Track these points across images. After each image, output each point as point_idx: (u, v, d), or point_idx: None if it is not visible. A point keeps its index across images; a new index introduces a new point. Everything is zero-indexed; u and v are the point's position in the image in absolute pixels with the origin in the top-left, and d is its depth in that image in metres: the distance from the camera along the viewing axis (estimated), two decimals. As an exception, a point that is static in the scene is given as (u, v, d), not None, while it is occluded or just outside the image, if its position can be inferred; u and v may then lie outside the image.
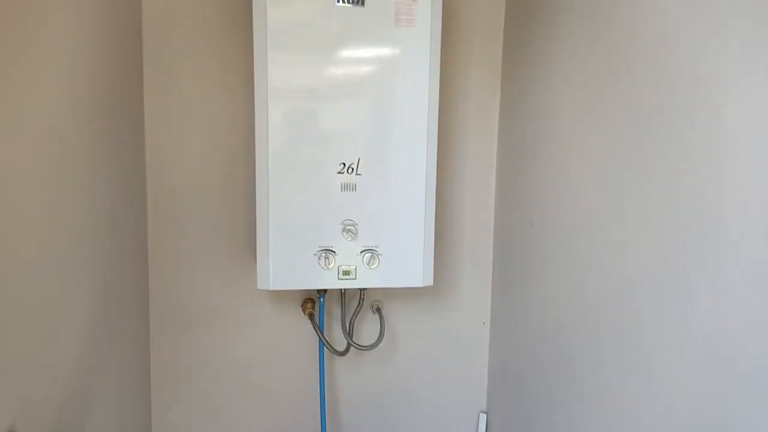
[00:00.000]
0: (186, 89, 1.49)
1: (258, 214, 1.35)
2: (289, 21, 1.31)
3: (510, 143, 1.59)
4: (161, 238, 1.52)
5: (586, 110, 1.19)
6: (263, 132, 1.33)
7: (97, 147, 1.20)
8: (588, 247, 1.18)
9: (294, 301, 1.60)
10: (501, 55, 1.63)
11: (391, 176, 1.39)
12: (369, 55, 1.35)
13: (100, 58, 1.21)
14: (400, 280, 1.44)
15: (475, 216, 1.68)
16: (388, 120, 1.38)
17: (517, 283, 1.54)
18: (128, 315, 1.41)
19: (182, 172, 1.51)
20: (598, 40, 1.15)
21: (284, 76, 1.32)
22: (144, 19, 1.46)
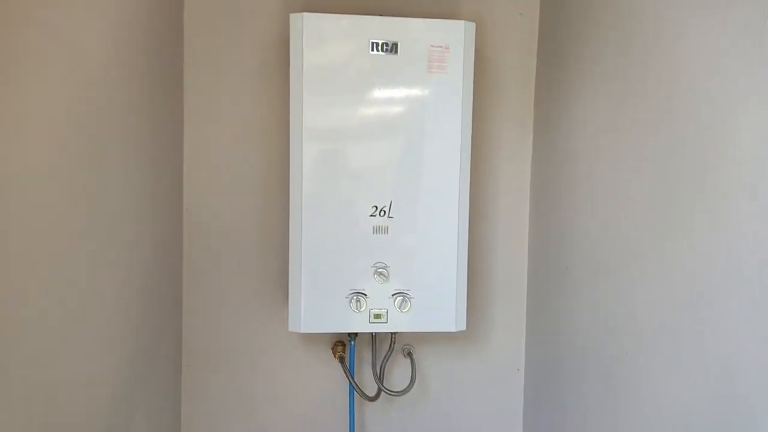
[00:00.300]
0: (223, 131, 1.54)
1: (291, 255, 1.37)
2: (324, 66, 1.35)
3: (543, 187, 1.58)
4: (196, 278, 1.55)
5: (621, 154, 1.18)
6: (297, 174, 1.35)
7: (138, 189, 1.24)
8: (625, 293, 1.15)
9: (325, 343, 1.59)
10: (533, 100, 1.63)
11: (423, 219, 1.39)
12: (402, 100, 1.37)
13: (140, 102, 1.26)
14: (432, 324, 1.42)
15: (509, 260, 1.66)
16: (421, 164, 1.38)
17: (552, 328, 1.50)
18: (162, 356, 1.43)
19: (218, 213, 1.55)
20: (634, 86, 1.14)
21: (319, 119, 1.35)
22: (185, 61, 1.52)
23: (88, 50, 0.99)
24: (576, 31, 1.40)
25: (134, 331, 1.24)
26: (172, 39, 1.45)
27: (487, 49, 1.61)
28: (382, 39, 1.35)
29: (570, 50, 1.43)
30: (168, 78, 1.42)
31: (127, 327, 1.20)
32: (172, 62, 1.45)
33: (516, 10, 1.61)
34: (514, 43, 1.62)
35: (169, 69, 1.44)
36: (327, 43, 1.35)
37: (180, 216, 1.53)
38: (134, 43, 1.20)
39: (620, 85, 1.19)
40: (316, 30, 1.34)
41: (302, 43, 1.34)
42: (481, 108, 1.60)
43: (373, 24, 1.35)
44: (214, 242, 1.55)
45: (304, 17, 1.34)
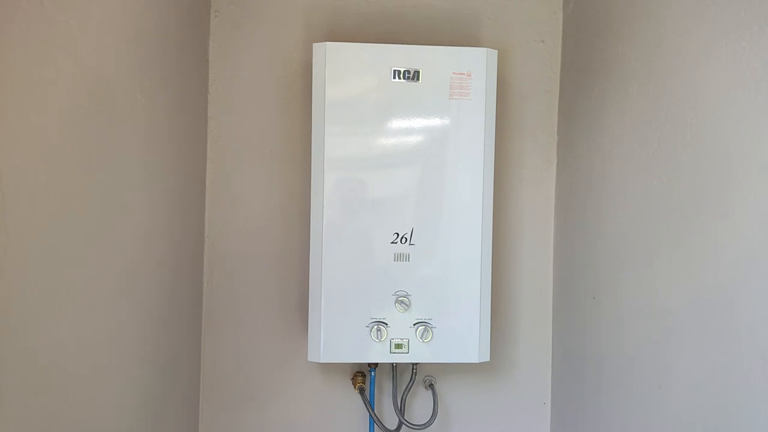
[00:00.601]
0: (245, 159, 1.55)
1: (311, 283, 1.35)
2: (346, 94, 1.35)
3: (568, 214, 1.54)
4: (215, 307, 1.54)
5: (648, 181, 1.15)
6: (318, 201, 1.35)
7: (162, 218, 1.24)
8: (656, 323, 1.11)
9: (345, 374, 1.56)
10: (557, 126, 1.62)
11: (445, 247, 1.37)
12: (424, 127, 1.37)
13: (163, 131, 1.27)
14: (455, 355, 1.38)
15: (533, 289, 1.62)
16: (443, 190, 1.37)
17: (580, 360, 1.45)
18: (180, 385, 1.41)
19: (238, 242, 1.54)
20: (658, 113, 1.12)
21: (340, 147, 1.35)
22: (210, 91, 1.54)
23: (114, 85, 1.01)
24: (599, 58, 1.39)
25: (153, 360, 1.23)
26: (197, 66, 1.47)
27: (510, 76, 1.60)
28: (404, 67, 1.35)
29: (593, 77, 1.42)
30: (191, 107, 1.44)
31: (145, 355, 1.19)
32: (196, 90, 1.47)
33: (537, 37, 1.61)
34: (536, 70, 1.61)
35: (193, 97, 1.46)
36: (349, 72, 1.36)
37: (201, 244, 1.53)
38: (161, 70, 1.22)
39: (645, 111, 1.17)
40: (338, 59, 1.35)
41: (325, 71, 1.34)
42: (504, 134, 1.59)
43: (395, 52, 1.36)
44: (234, 270, 1.54)
45: (327, 47, 1.35)
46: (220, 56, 1.54)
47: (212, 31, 1.54)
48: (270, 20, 1.55)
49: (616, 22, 1.31)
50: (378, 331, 1.34)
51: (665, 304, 1.08)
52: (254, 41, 1.55)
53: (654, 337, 1.11)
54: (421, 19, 1.57)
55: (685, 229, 1.02)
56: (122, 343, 1.07)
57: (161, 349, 1.27)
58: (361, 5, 1.56)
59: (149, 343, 1.20)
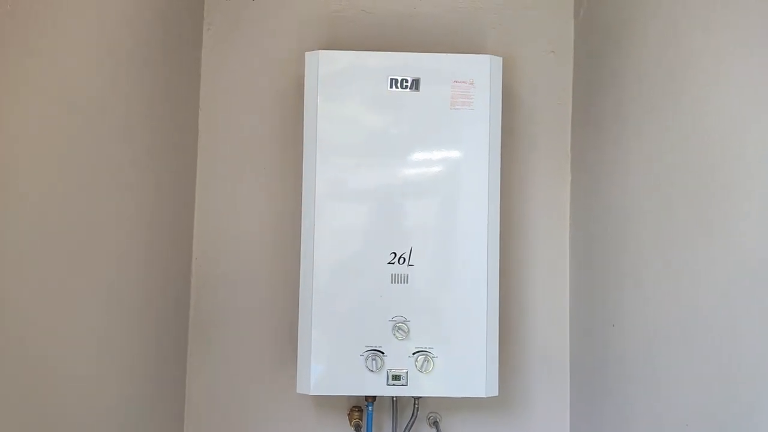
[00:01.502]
0: (236, 176, 1.47)
1: (301, 307, 1.25)
2: (340, 104, 1.27)
3: (584, 235, 1.42)
4: (202, 332, 1.44)
5: (672, 197, 1.03)
6: (309, 219, 1.25)
7: (145, 235, 1.17)
8: (688, 353, 0.97)
9: (340, 408, 1.43)
10: (570, 142, 1.51)
11: (447, 268, 1.25)
12: (423, 138, 1.28)
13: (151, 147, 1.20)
14: (460, 388, 1.25)
15: (547, 315, 1.48)
16: (445, 207, 1.27)
17: (601, 394, 1.30)
18: (161, 417, 1.30)
19: (227, 264, 1.45)
20: (682, 119, 1.01)
21: (333, 162, 1.26)
22: (201, 104, 1.47)
23: (100, 97, 0.97)
24: (613, 67, 1.29)
25: (132, 394, 1.12)
26: (188, 79, 1.41)
27: (519, 88, 1.51)
28: (402, 75, 1.27)
29: (608, 87, 1.31)
30: (181, 121, 1.38)
31: (124, 387, 1.09)
32: (186, 104, 1.41)
33: (547, 47, 1.52)
34: (547, 82, 1.52)
35: (184, 111, 1.39)
36: (343, 82, 1.28)
37: (189, 266, 1.44)
38: (150, 83, 1.16)
39: (666, 122, 1.05)
40: (331, 68, 1.28)
41: (317, 81, 1.27)
42: (513, 151, 1.48)
43: (392, 60, 1.28)
44: (223, 294, 1.44)
45: (320, 55, 1.28)
46: (212, 70, 1.48)
47: (205, 43, 1.48)
48: (264, 33, 1.49)
49: (630, 27, 1.22)
50: (373, 360, 1.22)
51: (695, 332, 0.95)
52: (248, 54, 1.48)
53: (689, 367, 0.98)
54: (421, 30, 1.50)
55: (715, 251, 0.89)
56: (97, 376, 0.99)
57: (141, 382, 1.17)
58: (359, 16, 1.49)
59: (127, 374, 1.10)
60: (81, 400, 0.94)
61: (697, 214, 0.94)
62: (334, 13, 1.49)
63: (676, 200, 1.01)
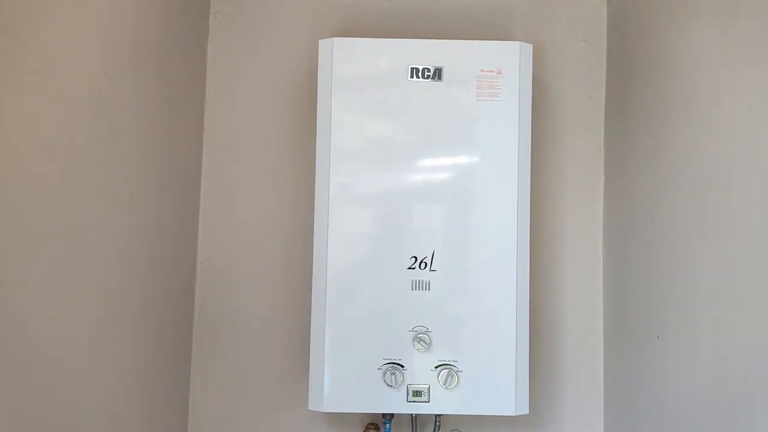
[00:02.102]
0: (244, 174, 1.37)
1: (313, 316, 1.14)
2: (356, 95, 1.17)
3: (621, 239, 1.31)
4: (206, 342, 1.34)
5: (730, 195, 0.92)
6: (323, 220, 1.15)
7: (150, 236, 1.08)
8: (747, 363, 0.85)
9: (355, 425, 1.32)
10: (603, 137, 1.39)
11: (473, 273, 1.15)
12: (447, 132, 1.17)
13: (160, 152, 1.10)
14: (486, 405, 1.15)
15: (580, 326, 1.37)
16: (470, 206, 1.16)
17: (642, 414, 1.18)
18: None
19: (235, 268, 1.35)
20: (739, 100, 0.89)
21: (348, 158, 1.16)
22: (207, 97, 1.37)
23: (102, 90, 0.89)
24: (653, 52, 1.18)
25: (129, 408, 1.03)
26: (194, 71, 1.32)
27: (547, 80, 1.40)
28: (424, 64, 1.17)
29: (647, 75, 1.20)
30: (187, 115, 1.29)
31: (120, 402, 1.00)
32: (192, 97, 1.32)
33: (579, 36, 1.41)
34: (578, 73, 1.41)
35: (189, 105, 1.30)
36: (359, 71, 1.18)
37: (193, 271, 1.34)
38: (154, 75, 1.09)
39: (720, 105, 0.94)
40: (347, 56, 1.18)
41: (332, 71, 1.17)
42: (541, 147, 1.37)
43: (413, 48, 1.18)
44: (229, 302, 1.34)
45: (335, 43, 1.18)
46: (219, 62, 1.38)
47: (211, 34, 1.39)
48: (274, 22, 1.39)
49: (673, 7, 1.10)
50: (392, 375, 1.11)
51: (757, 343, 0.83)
52: (257, 45, 1.39)
53: (746, 380, 0.86)
54: (444, 17, 1.39)
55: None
56: (91, 390, 0.90)
57: (138, 394, 1.07)
58: (377, 3, 1.39)
59: (122, 386, 1.01)
60: (74, 410, 0.85)
61: (756, 224, 0.83)
62: (351, 0, 1.39)
63: (730, 198, 0.90)
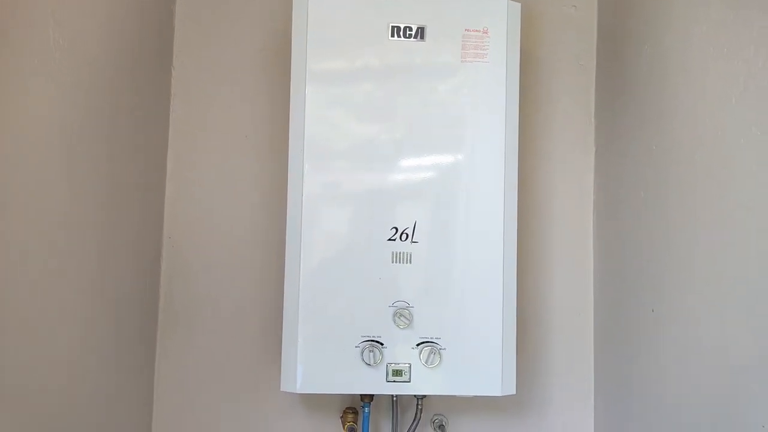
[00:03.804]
0: (214, 146, 1.29)
1: (286, 291, 1.07)
2: (332, 58, 1.09)
3: (612, 212, 1.25)
4: (173, 323, 1.25)
5: (731, 160, 0.86)
6: (297, 187, 1.07)
7: (109, 213, 1.00)
8: (747, 338, 0.79)
9: (333, 409, 1.25)
10: (594, 108, 1.33)
11: (457, 245, 1.08)
12: (429, 95, 1.10)
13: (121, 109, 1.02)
14: (471, 385, 1.08)
15: (569, 303, 1.31)
16: (454, 174, 1.09)
17: (634, 397, 1.12)
18: (129, 417, 1.12)
19: (203, 244, 1.27)
20: (746, 56, 0.83)
21: (324, 123, 1.09)
22: (175, 63, 1.29)
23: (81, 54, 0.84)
24: (647, 13, 1.11)
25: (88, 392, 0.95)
26: (159, 36, 1.23)
27: (535, 46, 1.33)
28: (405, 22, 1.10)
29: (641, 38, 1.14)
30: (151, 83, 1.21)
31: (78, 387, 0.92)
32: (157, 64, 1.23)
33: (568, 2, 1.34)
34: (568, 42, 1.35)
35: (154, 72, 1.22)
36: (336, 31, 1.10)
37: (159, 247, 1.25)
38: (114, 37, 1.00)
39: (724, 64, 0.88)
40: (323, 15, 1.10)
41: (306, 32, 1.09)
42: (529, 118, 1.31)
43: (393, 5, 1.10)
44: (198, 279, 1.26)
45: (310, 0, 1.10)
46: (187, 24, 1.30)
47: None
48: (247, -18, 1.31)
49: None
50: (371, 353, 1.04)
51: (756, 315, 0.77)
52: (227, 8, 1.30)
53: (749, 356, 0.80)
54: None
55: None
56: (45, 368, 0.82)
57: (100, 377, 0.99)
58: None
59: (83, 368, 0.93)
60: (27, 395, 0.78)
61: (752, 194, 0.77)
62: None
63: (727, 165, 0.84)
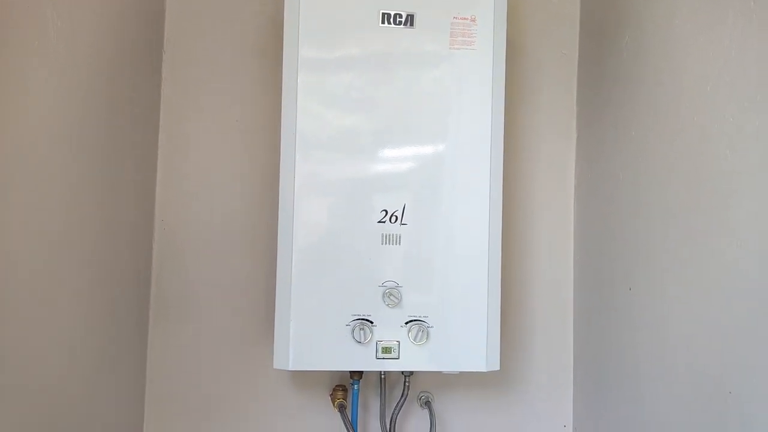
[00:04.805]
0: (206, 129, 1.30)
1: (278, 271, 1.09)
2: (324, 45, 1.11)
3: (592, 196, 1.29)
4: (165, 306, 1.27)
5: (697, 157, 0.90)
6: (289, 170, 1.10)
7: (100, 197, 1.01)
8: (719, 321, 0.85)
9: (322, 387, 1.28)
10: (575, 94, 1.37)
11: (445, 226, 1.11)
12: (419, 81, 1.13)
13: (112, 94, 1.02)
14: (457, 362, 1.12)
15: (549, 280, 1.36)
16: (443, 158, 1.12)
17: (612, 371, 1.18)
18: (119, 405, 1.14)
19: (195, 226, 1.29)
20: (722, 47, 0.88)
21: (316, 108, 1.10)
22: (165, 45, 1.30)
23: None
24: (626, 13, 1.15)
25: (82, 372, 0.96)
26: (150, 17, 1.24)
27: (519, 35, 1.37)
28: (395, 9, 1.12)
29: (622, 26, 1.18)
30: (141, 65, 1.21)
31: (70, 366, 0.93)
32: (147, 46, 1.23)
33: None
34: (550, 30, 1.38)
35: (144, 55, 1.22)
36: (328, 16, 1.12)
37: (151, 231, 1.27)
38: (104, 21, 0.99)
39: (700, 54, 0.92)
40: (315, 2, 1.11)
41: (298, 18, 1.11)
42: (513, 104, 1.34)
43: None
44: (190, 260, 1.28)
45: (302, -14, 1.11)
46: (178, 8, 1.30)
47: (169, -22, 1.30)
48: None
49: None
50: (362, 331, 1.07)
51: (728, 292, 0.82)
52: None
53: (723, 333, 0.85)
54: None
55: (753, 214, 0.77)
56: (39, 352, 0.83)
57: (93, 359, 1.01)
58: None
59: (75, 353, 0.94)
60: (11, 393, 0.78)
61: (726, 177, 0.82)
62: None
63: (703, 148, 0.89)
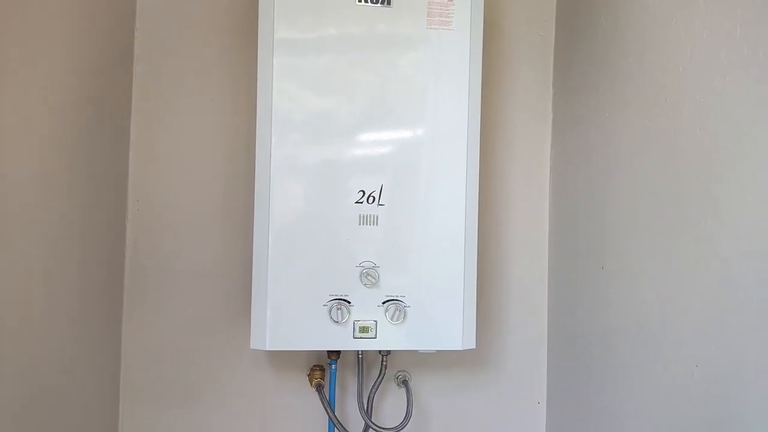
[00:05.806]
0: (180, 106, 1.28)
1: (255, 251, 1.09)
2: (299, 23, 1.10)
3: (567, 177, 1.31)
4: (140, 287, 1.26)
5: (675, 132, 0.92)
6: (265, 151, 1.09)
7: (71, 178, 0.98)
8: (688, 296, 0.87)
9: (300, 367, 1.29)
10: (552, 78, 1.38)
11: (422, 207, 1.12)
12: (396, 61, 1.12)
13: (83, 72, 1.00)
14: (433, 340, 1.13)
15: (525, 263, 1.37)
16: (420, 139, 1.12)
17: (584, 348, 1.21)
18: (94, 387, 1.13)
19: (170, 207, 1.27)
20: (693, 31, 0.89)
21: (292, 83, 1.09)
22: (138, 24, 1.27)
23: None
24: None
25: (54, 355, 0.95)
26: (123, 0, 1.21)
27: (495, 14, 1.37)
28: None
29: (596, 15, 1.19)
30: (112, 42, 1.18)
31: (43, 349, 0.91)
32: (119, 23, 1.21)
33: (529, -29, 1.38)
34: (527, 10, 1.38)
35: (116, 33, 1.19)
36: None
37: (124, 210, 1.25)
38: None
39: (676, 36, 0.93)
40: (291, -23, 1.10)
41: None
42: (490, 85, 1.35)
43: (361, -30, 1.11)
44: (164, 240, 1.26)
45: (277, -38, 1.09)
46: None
47: (141, -48, 1.27)
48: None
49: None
50: (339, 310, 1.08)
51: (700, 271, 0.84)
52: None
53: (693, 311, 0.88)
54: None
55: (723, 192, 0.78)
56: (10, 337, 0.81)
57: (65, 340, 0.99)
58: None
59: (47, 336, 0.93)
60: None
61: (697, 156, 0.83)
62: None
63: (674, 126, 0.90)
